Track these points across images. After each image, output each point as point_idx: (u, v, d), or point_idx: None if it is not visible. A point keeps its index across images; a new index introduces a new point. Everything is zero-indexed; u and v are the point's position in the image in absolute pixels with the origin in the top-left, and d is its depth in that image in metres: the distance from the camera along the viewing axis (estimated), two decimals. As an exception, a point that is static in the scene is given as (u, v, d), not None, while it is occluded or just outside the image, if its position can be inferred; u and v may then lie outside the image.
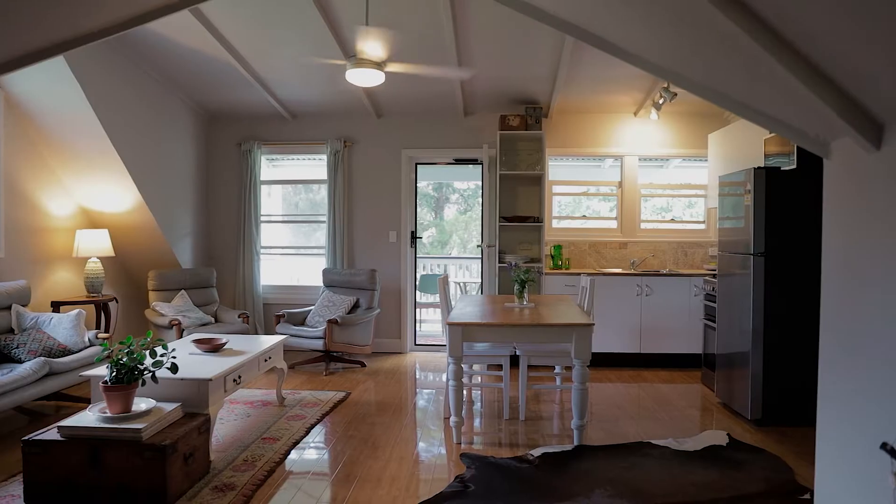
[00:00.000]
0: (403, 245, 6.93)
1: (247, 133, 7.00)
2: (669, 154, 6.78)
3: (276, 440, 3.93)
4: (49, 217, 5.35)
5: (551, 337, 3.91)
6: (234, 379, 3.80)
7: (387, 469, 3.56)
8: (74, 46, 2.99)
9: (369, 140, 6.91)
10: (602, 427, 4.34)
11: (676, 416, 4.64)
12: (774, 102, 2.12)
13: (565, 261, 6.61)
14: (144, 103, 5.76)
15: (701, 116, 6.61)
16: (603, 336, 6.12)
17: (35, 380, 3.96)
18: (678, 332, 6.10)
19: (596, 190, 7.17)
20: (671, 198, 7.42)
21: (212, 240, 7.09)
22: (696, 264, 6.70)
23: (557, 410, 4.78)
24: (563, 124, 6.74)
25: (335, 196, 6.81)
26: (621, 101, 6.37)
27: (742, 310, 4.51)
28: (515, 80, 5.88)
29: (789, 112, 2.12)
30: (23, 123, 5.05)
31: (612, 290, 6.13)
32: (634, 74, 5.60)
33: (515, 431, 4.25)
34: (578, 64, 5.41)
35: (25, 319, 4.58)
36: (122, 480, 2.94)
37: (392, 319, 6.94)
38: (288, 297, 7.08)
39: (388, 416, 4.57)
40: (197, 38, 5.00)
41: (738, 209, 4.64)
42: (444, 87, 6.04)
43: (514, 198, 6.72)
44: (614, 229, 6.85)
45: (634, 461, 3.60)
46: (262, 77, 5.85)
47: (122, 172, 5.37)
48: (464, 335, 3.92)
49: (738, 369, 4.56)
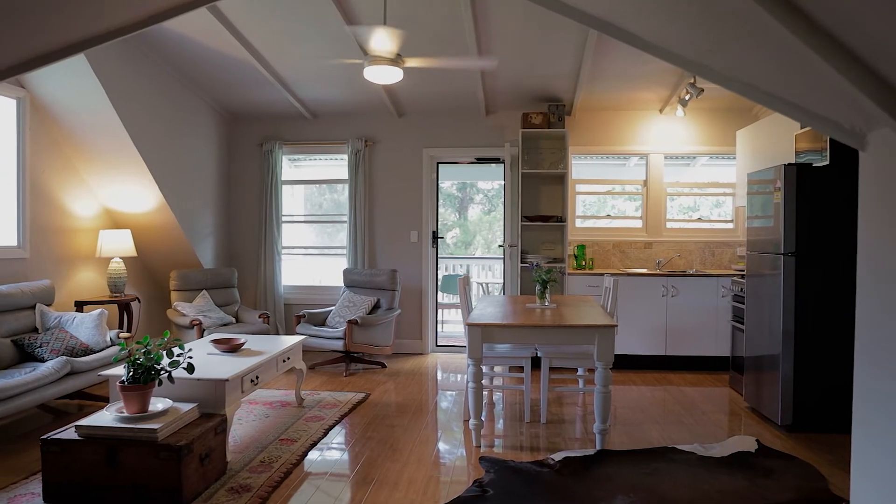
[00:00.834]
0: (425, 245, 6.87)
1: (268, 133, 7.01)
2: (696, 152, 6.62)
3: (293, 441, 3.90)
4: (73, 217, 5.40)
5: (573, 338, 3.82)
6: (252, 379, 3.77)
7: (405, 471, 3.50)
8: (92, 45, 2.99)
9: (390, 139, 6.87)
10: (625, 431, 4.23)
11: (703, 420, 4.50)
12: (807, 92, 2.02)
13: (589, 261, 6.49)
14: (166, 103, 5.80)
15: (729, 112, 6.45)
16: (627, 338, 6.00)
17: (56, 379, 3.99)
18: (705, 334, 5.95)
19: (621, 189, 7.04)
20: (698, 196, 7.25)
21: (233, 240, 7.12)
22: (723, 264, 6.53)
23: (580, 413, 4.68)
24: (586, 122, 6.63)
25: (356, 196, 6.79)
26: (646, 97, 6.24)
27: (772, 311, 4.37)
28: (537, 77, 5.79)
29: (823, 102, 2.01)
30: (47, 124, 5.10)
31: (636, 290, 6.00)
32: (659, 70, 5.48)
33: (536, 434, 4.17)
34: (602, 60, 5.31)
35: (49, 319, 4.62)
36: (138, 480, 2.93)
37: (413, 320, 6.89)
38: (309, 297, 7.07)
39: (407, 418, 4.52)
40: (217, 37, 5.01)
41: (767, 207, 4.49)
42: (465, 86, 5.97)
43: (537, 197, 6.63)
44: (639, 229, 6.71)
45: (658, 467, 3.49)
46: (283, 76, 5.84)
47: (143, 173, 5.41)
48: (483, 336, 3.84)
49: (768, 373, 4.42)
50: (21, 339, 4.34)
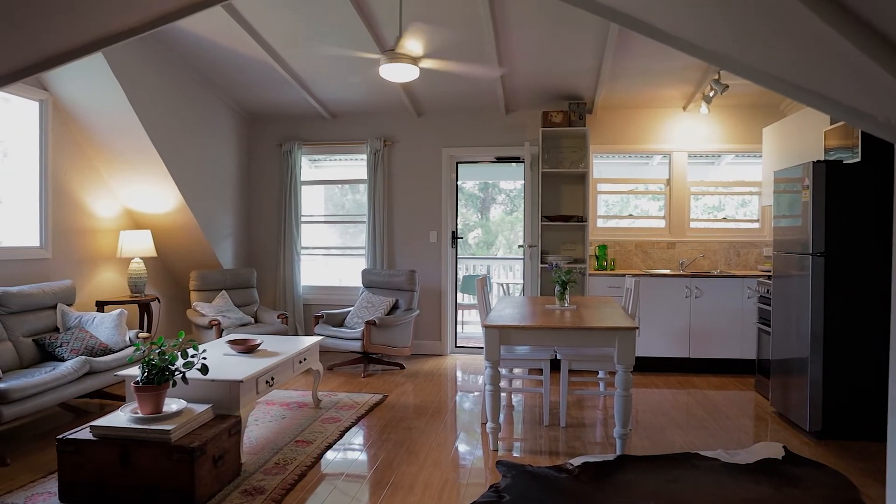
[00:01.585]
0: (444, 245, 6.82)
1: (287, 133, 7.01)
2: (721, 150, 6.47)
3: (309, 443, 3.87)
4: (94, 218, 5.45)
5: (593, 341, 3.73)
6: (267, 381, 3.75)
7: (420, 475, 3.45)
8: (106, 45, 2.99)
9: (409, 139, 6.83)
10: (647, 436, 4.12)
11: (727, 425, 4.38)
12: (838, 83, 1.92)
13: (610, 261, 6.38)
14: (185, 105, 5.82)
15: (755, 109, 6.29)
16: (650, 340, 5.88)
17: (75, 378, 4.00)
18: (730, 337, 5.81)
19: (645, 188, 6.91)
20: (723, 196, 7.09)
21: (253, 240, 7.14)
22: (749, 265, 6.37)
23: (600, 417, 4.58)
24: (608, 120, 6.52)
25: (375, 196, 6.76)
26: (669, 95, 6.11)
27: (800, 313, 4.23)
28: (557, 74, 5.70)
29: (855, 93, 1.91)
30: (69, 126, 5.15)
31: (659, 291, 5.88)
32: (683, 66, 5.35)
33: (555, 438, 4.09)
34: (624, 57, 5.20)
35: (70, 318, 4.66)
36: (151, 481, 2.92)
37: (432, 321, 6.84)
38: (328, 297, 7.06)
39: (424, 420, 4.46)
40: (234, 37, 5.01)
41: (795, 206, 4.35)
42: (484, 85, 5.91)
43: (558, 197, 6.54)
44: (662, 229, 6.58)
45: (680, 474, 3.39)
46: (301, 76, 5.83)
47: (163, 173, 5.43)
48: (501, 338, 3.77)
49: (796, 376, 4.28)
50: (42, 339, 4.38)
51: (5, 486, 3.25)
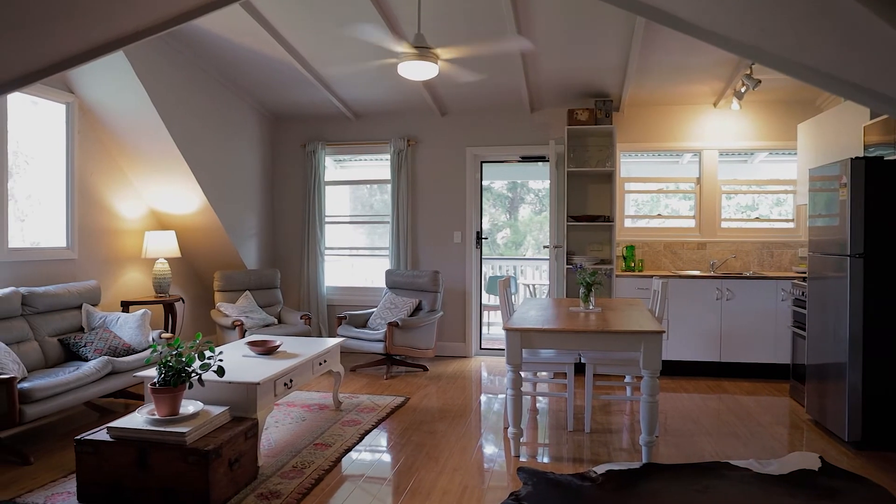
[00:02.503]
0: (469, 246, 6.74)
1: (311, 134, 7.01)
2: (753, 147, 6.27)
3: (328, 446, 3.82)
4: (120, 219, 5.50)
5: (618, 345, 3.61)
6: (286, 383, 3.72)
7: (439, 481, 3.37)
8: (124, 45, 2.98)
9: (433, 138, 6.77)
10: (674, 443, 3.99)
11: (760, 433, 4.21)
12: (877, 73, 1.79)
13: (638, 262, 6.23)
14: (209, 106, 5.84)
15: (789, 105, 6.08)
16: (679, 343, 5.72)
17: (98, 378, 4.03)
18: (763, 340, 5.61)
19: (675, 187, 6.72)
20: (756, 194, 6.87)
21: (277, 241, 7.15)
22: (783, 266, 6.16)
23: (627, 423, 4.45)
24: (635, 118, 6.37)
25: (399, 196, 6.71)
26: (699, 91, 5.93)
27: (837, 316, 4.05)
28: (583, 71, 5.58)
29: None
30: (95, 128, 5.20)
31: (689, 293, 5.71)
32: (713, 61, 5.19)
33: (580, 444, 3.98)
34: (651, 52, 5.05)
35: (94, 318, 4.70)
36: (166, 484, 2.90)
37: (456, 322, 6.76)
38: (352, 298, 7.03)
39: (446, 424, 4.39)
40: (256, 38, 4.99)
41: (832, 205, 4.17)
42: (508, 82, 5.81)
43: (584, 196, 6.41)
44: (692, 229, 6.40)
45: (710, 484, 3.25)
46: (323, 76, 5.81)
47: (186, 174, 5.46)
48: (523, 341, 3.68)
49: (833, 382, 4.10)
50: (67, 339, 4.42)
51: (27, 485, 3.27)
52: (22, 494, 3.15)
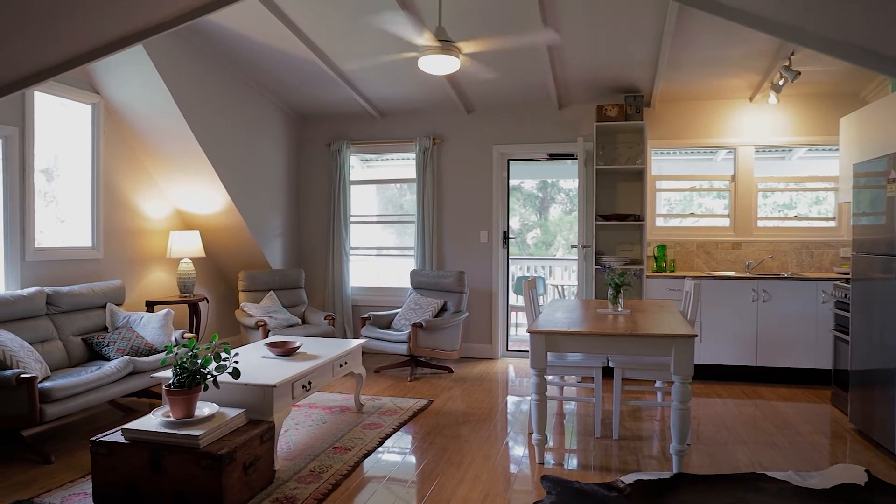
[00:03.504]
0: (495, 246, 6.61)
1: (336, 133, 6.96)
2: (792, 143, 6.01)
3: (347, 450, 3.74)
4: (145, 219, 5.51)
5: (647, 349, 3.45)
6: (304, 385, 3.64)
7: (459, 488, 3.26)
8: (140, 39, 2.95)
9: (459, 136, 6.66)
10: (707, 452, 3.80)
11: (800, 443, 4.00)
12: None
13: (670, 263, 6.02)
14: (233, 105, 5.82)
15: (831, 98, 5.81)
16: (712, 346, 5.51)
17: (119, 378, 4.01)
18: (802, 344, 5.37)
19: (709, 185, 6.49)
20: (794, 192, 6.60)
21: (302, 241, 7.12)
22: (824, 267, 5.89)
23: (657, 429, 4.28)
24: (667, 114, 6.16)
25: (424, 195, 6.62)
26: (734, 85, 5.70)
27: (885, 320, 3.82)
28: (612, 65, 5.40)
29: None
30: (121, 129, 5.22)
31: (723, 295, 5.49)
32: (748, 54, 4.97)
33: (607, 452, 3.82)
34: (683, 44, 4.86)
35: (118, 318, 4.70)
36: (180, 487, 2.84)
37: (483, 323, 6.64)
38: (377, 298, 6.97)
39: (470, 428, 4.27)
40: (280, 37, 4.94)
41: (878, 203, 3.94)
42: (535, 78, 5.67)
43: (613, 195, 6.22)
44: (726, 228, 6.17)
45: (745, 497, 3.07)
46: (347, 74, 5.74)
47: (210, 174, 5.45)
48: (548, 344, 3.54)
49: (880, 390, 3.86)
50: (91, 338, 4.43)
51: (46, 485, 3.26)
52: (40, 494, 3.13)
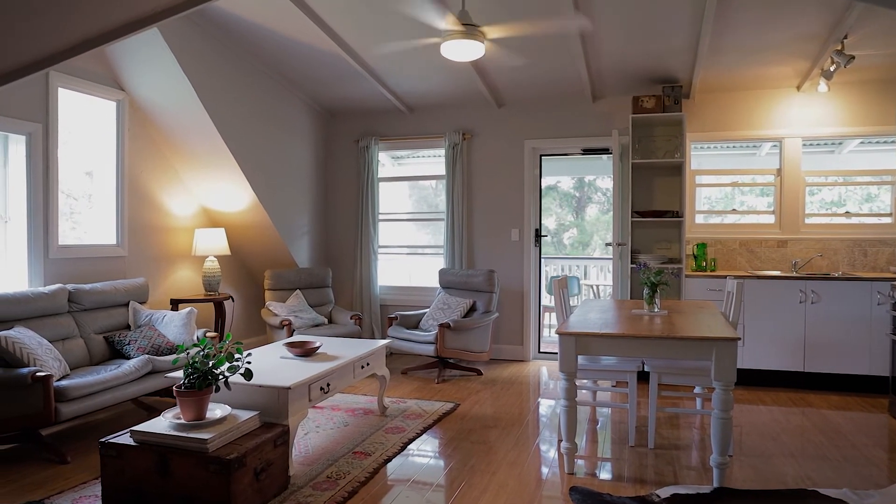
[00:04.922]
0: (527, 244, 6.40)
1: (364, 129, 6.84)
2: (844, 134, 5.64)
3: (367, 455, 3.59)
4: (170, 216, 5.47)
5: (685, 352, 3.21)
6: (322, 387, 3.51)
7: (482, 499, 3.08)
8: (145, 25, 2.85)
9: (489, 131, 6.47)
10: (751, 465, 3.53)
11: (855, 457, 3.69)
12: None
13: (710, 261, 5.72)
14: (259, 101, 5.75)
15: (887, 84, 5.42)
16: (756, 350, 5.20)
17: (137, 377, 3.95)
18: (855, 348, 5.02)
19: (752, 180, 6.16)
20: (842, 188, 6.22)
21: (329, 239, 7.02)
22: (879, 266, 5.51)
23: (696, 438, 4.02)
24: (707, 105, 5.86)
25: (453, 192, 6.45)
26: (780, 72, 5.37)
27: (948, 324, 3.49)
28: (649, 54, 5.14)
29: None
30: (146, 126, 5.18)
31: (768, 295, 5.18)
32: (796, 37, 4.66)
33: (642, 461, 3.59)
34: (724, 29, 4.58)
35: (140, 316, 4.65)
36: (188, 492, 2.73)
37: (514, 324, 6.44)
38: (406, 298, 6.82)
39: (496, 434, 4.08)
40: (307, 31, 4.83)
41: (941, 195, 3.61)
42: (568, 71, 5.45)
43: (650, 190, 5.95)
44: (771, 225, 5.83)
45: (795, 516, 2.81)
46: (374, 69, 5.61)
47: (236, 171, 5.37)
48: (578, 347, 3.33)
49: (943, 401, 3.54)
50: (112, 336, 4.38)
51: (59, 486, 3.20)
52: (51, 495, 3.06)
